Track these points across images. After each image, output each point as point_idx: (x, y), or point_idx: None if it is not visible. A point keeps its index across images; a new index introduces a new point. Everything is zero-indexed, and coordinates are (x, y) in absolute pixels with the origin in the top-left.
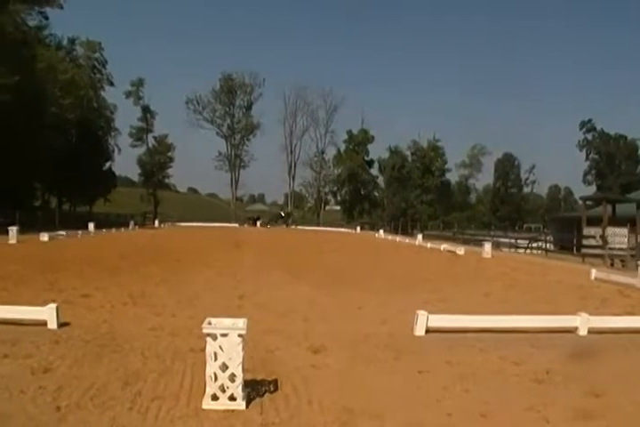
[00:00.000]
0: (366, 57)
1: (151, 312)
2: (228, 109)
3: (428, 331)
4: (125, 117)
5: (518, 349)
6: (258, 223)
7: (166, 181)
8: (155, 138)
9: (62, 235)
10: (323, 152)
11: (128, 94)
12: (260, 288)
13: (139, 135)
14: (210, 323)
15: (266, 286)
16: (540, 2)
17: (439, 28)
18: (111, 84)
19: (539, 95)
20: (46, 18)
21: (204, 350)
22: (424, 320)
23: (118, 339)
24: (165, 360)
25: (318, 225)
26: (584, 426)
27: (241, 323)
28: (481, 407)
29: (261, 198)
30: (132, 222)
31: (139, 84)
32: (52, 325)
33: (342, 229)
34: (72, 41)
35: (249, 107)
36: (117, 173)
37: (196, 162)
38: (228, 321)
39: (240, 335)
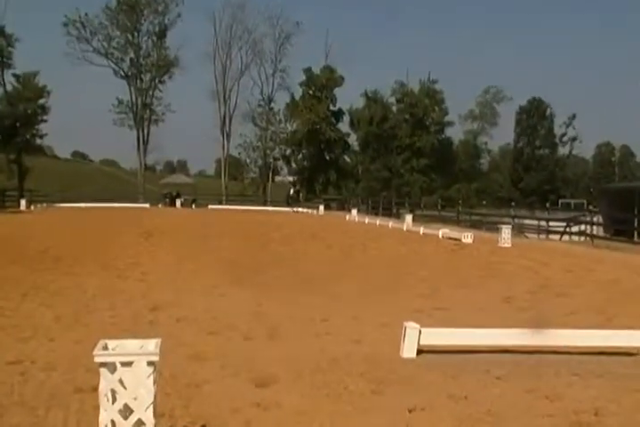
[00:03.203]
0: None
1: (14, 337)
2: (130, 37)
3: (421, 351)
4: None
5: (553, 377)
6: (178, 202)
7: (38, 141)
8: (17, 77)
9: None
10: (270, 100)
11: None
12: (181, 295)
13: None
14: (106, 347)
15: (190, 292)
16: None
17: None
18: None
19: (576, 14)
20: None
21: (96, 389)
22: (415, 336)
23: None
24: (36, 409)
25: (265, 204)
26: None
27: (152, 345)
28: None
29: (183, 167)
30: None
31: None
32: None
33: (301, 210)
34: None
35: (162, 34)
36: None
37: (85, 114)
38: (133, 343)
39: (151, 363)
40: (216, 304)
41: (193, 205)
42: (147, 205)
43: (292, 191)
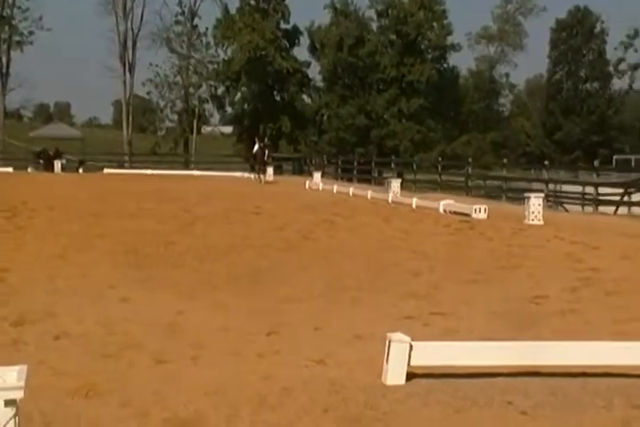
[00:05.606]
0: None
1: None
2: None
3: (412, 375)
4: None
5: (603, 412)
6: (57, 165)
7: None
8: None
9: None
10: (193, 14)
11: None
12: (62, 301)
13: None
14: None
15: (76, 296)
16: None
17: None
18: None
19: None
20: None
21: None
22: (404, 354)
23: None
24: None
25: (188, 166)
26: None
27: (13, 376)
28: None
29: (64, 113)
30: None
31: None
32: None
33: (269, 179)
34: None
35: None
36: None
37: None
38: None
39: (11, 402)
40: (114, 313)
41: (80, 169)
42: (9, 170)
43: (256, 147)
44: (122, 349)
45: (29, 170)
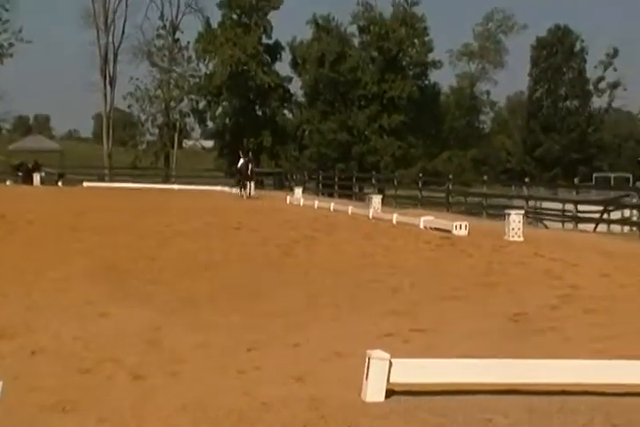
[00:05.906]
0: None
1: None
2: None
3: (392, 393)
4: None
5: None
6: (36, 178)
7: None
8: None
9: None
10: (175, 28)
11: None
12: (39, 316)
13: None
14: None
15: (53, 311)
16: None
17: None
18: None
19: None
20: None
21: None
22: (384, 371)
23: None
24: None
25: (168, 180)
26: None
27: None
28: None
29: (44, 126)
30: None
31: None
32: None
33: (252, 193)
34: None
35: None
36: None
37: None
38: None
39: None
40: (92, 329)
41: (59, 183)
42: None
43: (240, 162)
44: (99, 364)
45: (8, 183)
